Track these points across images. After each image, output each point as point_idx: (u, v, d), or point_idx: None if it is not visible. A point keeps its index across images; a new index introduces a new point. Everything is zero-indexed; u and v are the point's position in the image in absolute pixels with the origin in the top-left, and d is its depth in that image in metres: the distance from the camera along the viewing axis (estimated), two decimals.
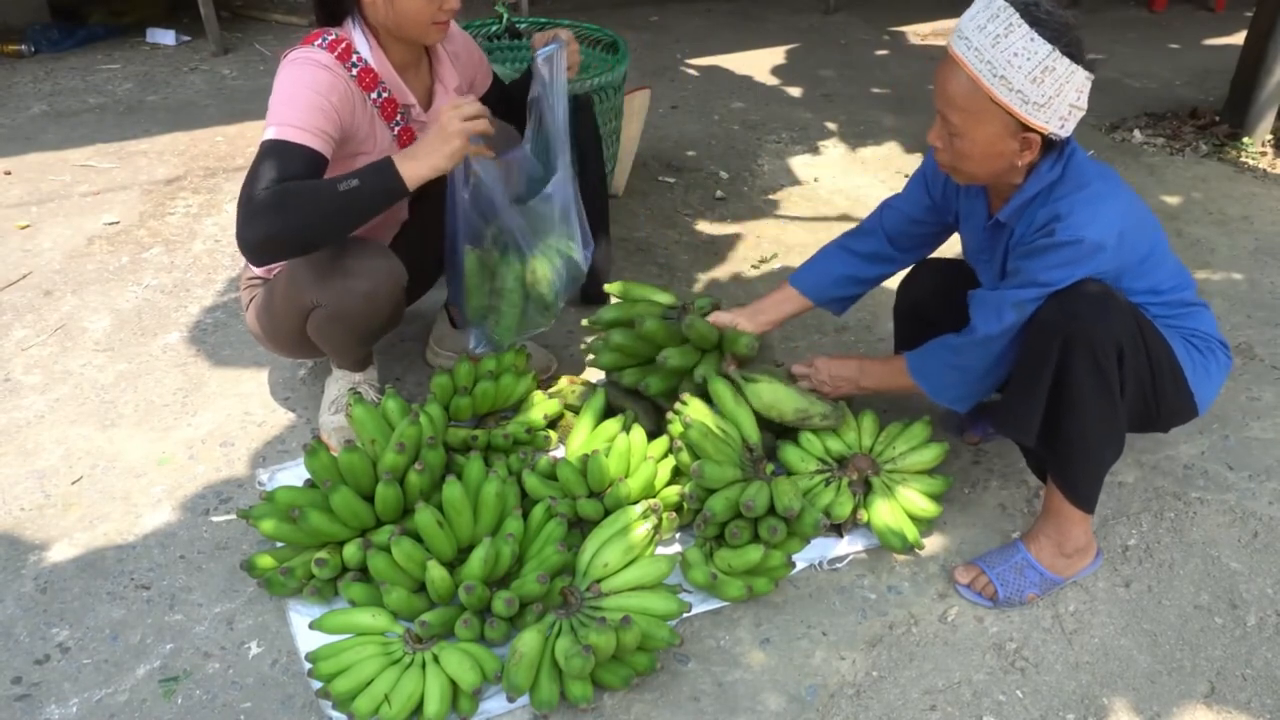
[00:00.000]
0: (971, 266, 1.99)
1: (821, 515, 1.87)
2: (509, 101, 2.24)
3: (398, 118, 1.95)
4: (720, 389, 2.00)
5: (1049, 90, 1.52)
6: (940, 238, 2.07)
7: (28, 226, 3.10)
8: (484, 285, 2.11)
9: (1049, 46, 1.49)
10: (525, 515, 1.84)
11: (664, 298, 2.18)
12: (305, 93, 1.76)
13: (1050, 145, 1.64)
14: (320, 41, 1.82)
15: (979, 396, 1.83)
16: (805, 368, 2.06)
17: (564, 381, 2.31)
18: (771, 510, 1.79)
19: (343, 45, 1.83)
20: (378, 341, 2.14)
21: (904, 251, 2.07)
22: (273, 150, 1.72)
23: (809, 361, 2.06)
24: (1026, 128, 1.57)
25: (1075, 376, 1.63)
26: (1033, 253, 1.65)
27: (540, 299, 2.10)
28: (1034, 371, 1.68)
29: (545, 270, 2.07)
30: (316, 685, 1.59)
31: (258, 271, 2.09)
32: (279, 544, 1.82)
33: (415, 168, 1.74)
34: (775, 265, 2.98)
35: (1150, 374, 1.70)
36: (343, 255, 1.89)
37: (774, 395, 2.01)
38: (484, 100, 2.20)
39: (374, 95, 1.88)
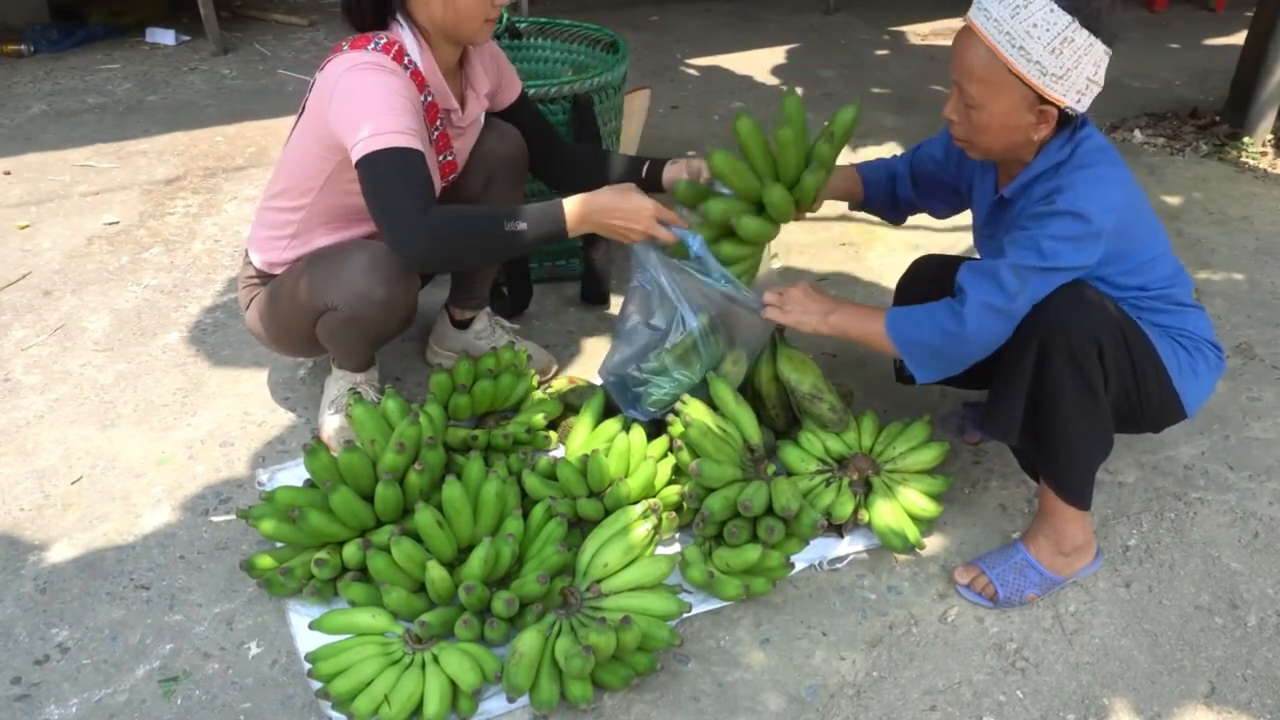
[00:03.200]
0: (976, 247, 2.00)
1: (820, 516, 1.87)
2: (548, 135, 2.25)
3: (438, 122, 1.94)
4: (721, 389, 2.00)
5: (1067, 62, 1.53)
6: (950, 201, 2.06)
7: (27, 226, 3.10)
8: (687, 352, 1.99)
9: (1068, 18, 1.51)
10: (525, 515, 1.84)
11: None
12: (390, 97, 1.74)
13: (1065, 122, 1.64)
14: (374, 45, 1.79)
15: (949, 372, 1.75)
16: (776, 295, 1.89)
17: (564, 381, 2.31)
18: (770, 510, 1.79)
19: (395, 48, 1.81)
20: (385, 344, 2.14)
21: (919, 191, 2.05)
22: (395, 160, 1.72)
23: (782, 289, 1.90)
24: (1044, 100, 1.58)
25: (1055, 375, 1.63)
26: (1034, 219, 1.63)
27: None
28: (1013, 372, 1.68)
29: (740, 368, 2.04)
30: (316, 685, 1.59)
31: (258, 267, 2.08)
32: (279, 544, 1.82)
33: (582, 223, 1.81)
34: (775, 265, 2.98)
35: (1133, 371, 1.70)
36: (359, 259, 1.88)
37: (802, 365, 2.01)
38: (511, 116, 2.19)
39: (422, 98, 1.87)
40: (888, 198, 2.12)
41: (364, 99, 1.74)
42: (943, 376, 1.75)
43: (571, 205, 1.80)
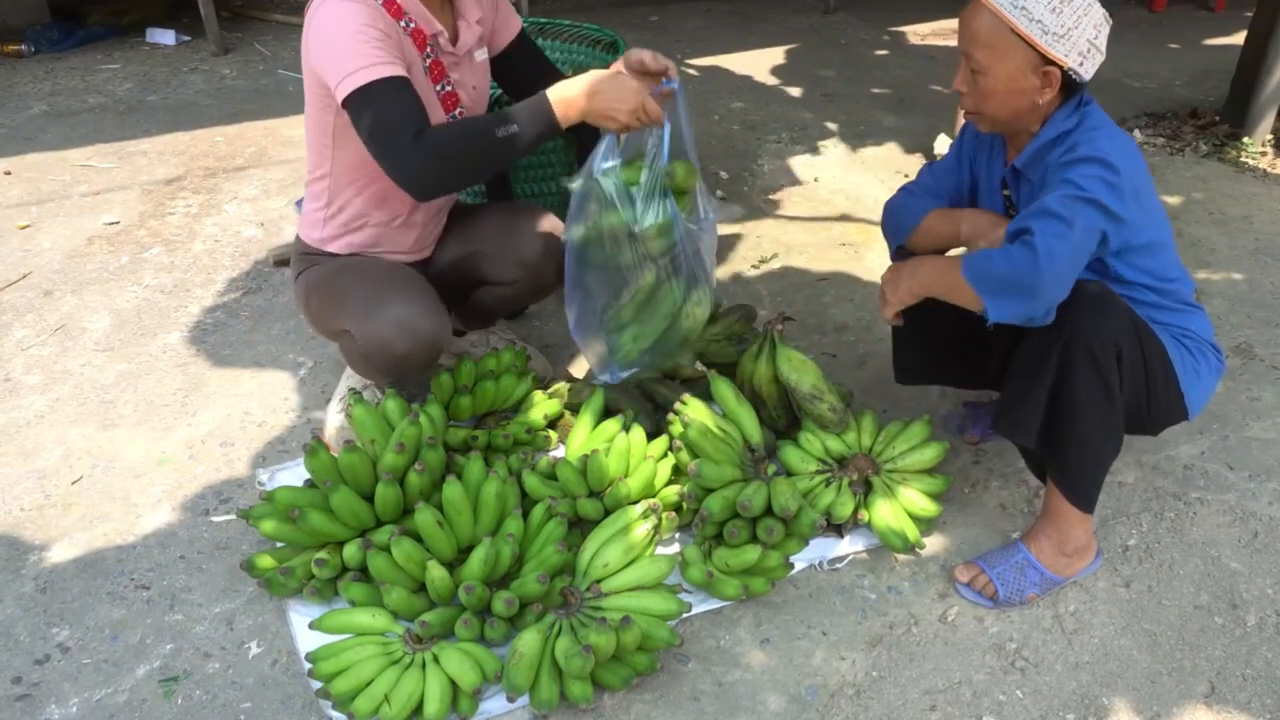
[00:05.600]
0: None
1: (819, 516, 1.87)
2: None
3: (428, 49, 1.91)
4: (723, 388, 2.00)
5: (1068, 20, 1.58)
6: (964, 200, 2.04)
7: (28, 226, 3.10)
8: (646, 300, 1.97)
9: None
10: (525, 515, 1.84)
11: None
12: (358, 29, 1.73)
13: (1070, 90, 1.67)
14: None
15: (1020, 312, 1.64)
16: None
17: (563, 382, 2.31)
18: (769, 510, 1.79)
19: None
20: None
21: (943, 192, 2.03)
22: (377, 93, 1.70)
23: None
24: (1047, 61, 1.61)
25: (1076, 378, 1.63)
26: (1059, 169, 1.63)
27: (682, 336, 2.02)
28: (1034, 373, 1.67)
29: (704, 309, 2.01)
30: (316, 685, 1.59)
31: (310, 246, 2.08)
32: (279, 544, 1.82)
33: (570, 108, 1.76)
34: (775, 265, 2.98)
35: (1145, 373, 1.70)
36: (392, 298, 1.87)
37: (802, 365, 2.02)
38: (511, 57, 2.15)
39: (402, 24, 1.84)
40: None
41: (332, 37, 1.73)
42: (1015, 318, 1.64)
43: (556, 94, 1.76)
